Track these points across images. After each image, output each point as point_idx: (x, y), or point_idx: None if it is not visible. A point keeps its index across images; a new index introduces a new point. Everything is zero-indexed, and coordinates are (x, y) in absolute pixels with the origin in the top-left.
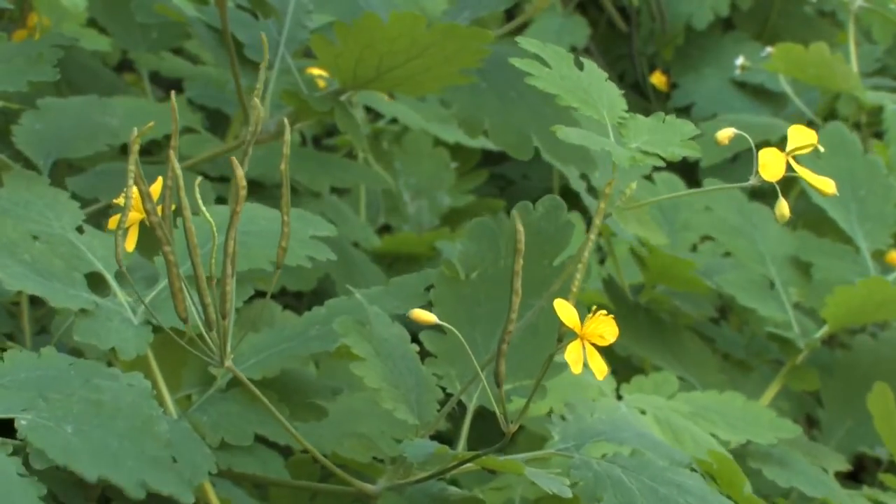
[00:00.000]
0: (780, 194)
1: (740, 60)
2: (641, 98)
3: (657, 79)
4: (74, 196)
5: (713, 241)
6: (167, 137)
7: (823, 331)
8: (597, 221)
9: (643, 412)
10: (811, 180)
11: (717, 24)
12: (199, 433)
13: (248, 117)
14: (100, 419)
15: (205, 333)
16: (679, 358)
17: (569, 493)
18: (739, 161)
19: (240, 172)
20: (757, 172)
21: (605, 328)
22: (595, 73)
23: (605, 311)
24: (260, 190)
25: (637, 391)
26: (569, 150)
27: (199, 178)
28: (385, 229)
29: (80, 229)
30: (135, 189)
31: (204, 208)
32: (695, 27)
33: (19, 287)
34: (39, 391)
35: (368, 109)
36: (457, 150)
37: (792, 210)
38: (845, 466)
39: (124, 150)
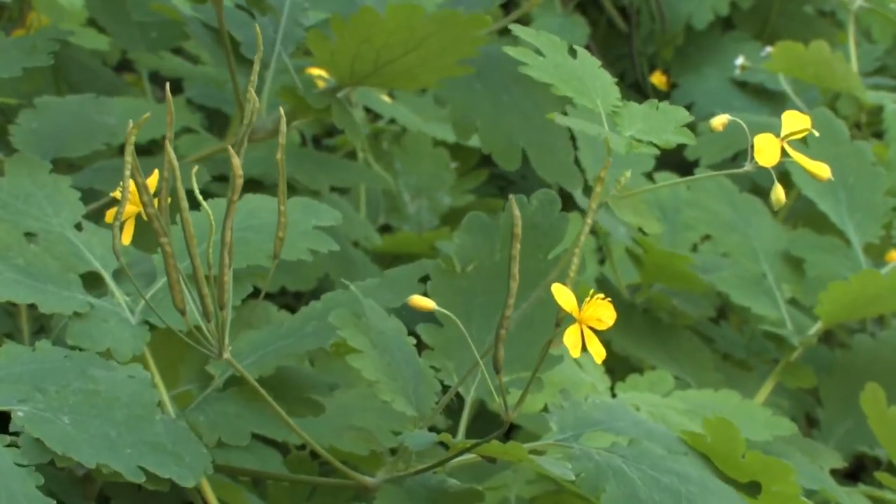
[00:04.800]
0: (775, 179)
1: (740, 60)
2: (642, 98)
3: (657, 79)
4: None
5: (712, 241)
6: None
7: (817, 327)
8: (592, 206)
9: (637, 409)
10: (806, 165)
11: (717, 23)
12: (197, 433)
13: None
14: (97, 409)
15: (203, 326)
16: (675, 357)
17: (572, 476)
18: (739, 160)
19: (236, 162)
20: (752, 158)
21: (602, 312)
22: (589, 62)
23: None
24: (260, 189)
25: (632, 389)
26: (554, 164)
27: (196, 167)
28: (385, 229)
29: (79, 226)
30: (131, 182)
31: (201, 198)
32: (695, 27)
33: (9, 296)
34: (35, 383)
35: (368, 109)
36: (457, 150)
37: (789, 210)
38: (841, 463)
39: (122, 149)
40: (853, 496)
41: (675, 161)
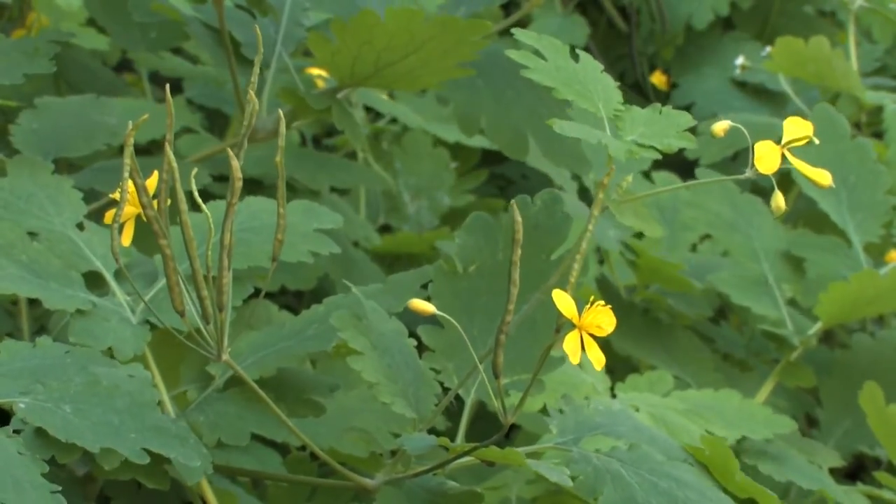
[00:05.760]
0: (775, 186)
1: (740, 60)
2: (642, 98)
3: (657, 79)
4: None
5: (712, 240)
6: None
7: (817, 327)
8: (594, 212)
9: (637, 409)
10: (807, 172)
11: (717, 23)
12: (197, 433)
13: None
14: (98, 398)
15: (202, 327)
16: (675, 357)
17: (569, 482)
18: (739, 160)
19: (235, 164)
20: (753, 165)
21: (602, 319)
22: (591, 65)
23: (602, 302)
24: (259, 189)
25: (632, 389)
26: (563, 150)
27: (195, 170)
28: (385, 229)
29: (80, 226)
30: (131, 183)
31: (200, 201)
32: (695, 27)
33: (14, 290)
34: (36, 378)
35: (368, 109)
36: (457, 150)
37: (790, 209)
38: (839, 462)
39: (123, 149)
40: (852, 495)
41: (674, 160)
